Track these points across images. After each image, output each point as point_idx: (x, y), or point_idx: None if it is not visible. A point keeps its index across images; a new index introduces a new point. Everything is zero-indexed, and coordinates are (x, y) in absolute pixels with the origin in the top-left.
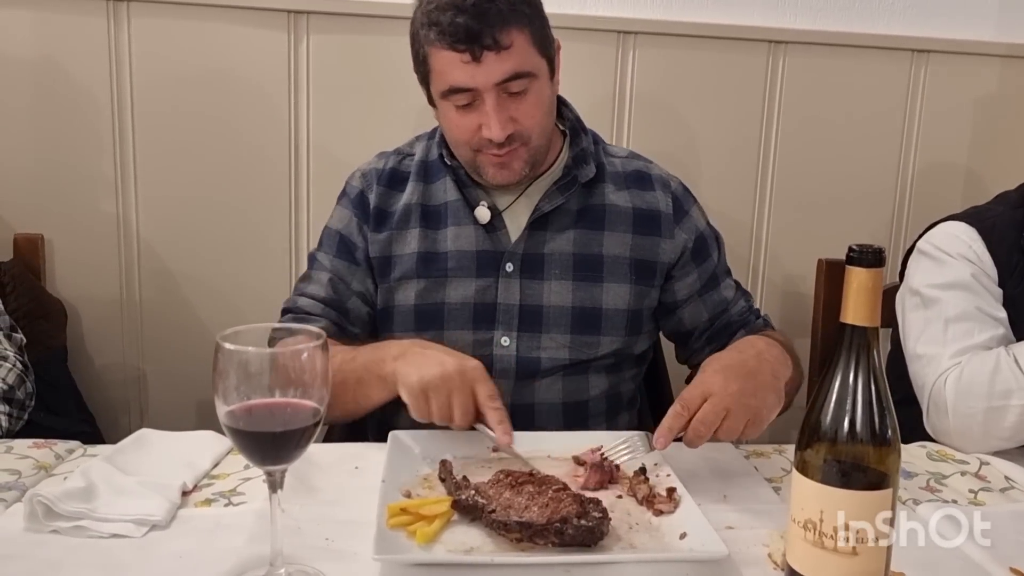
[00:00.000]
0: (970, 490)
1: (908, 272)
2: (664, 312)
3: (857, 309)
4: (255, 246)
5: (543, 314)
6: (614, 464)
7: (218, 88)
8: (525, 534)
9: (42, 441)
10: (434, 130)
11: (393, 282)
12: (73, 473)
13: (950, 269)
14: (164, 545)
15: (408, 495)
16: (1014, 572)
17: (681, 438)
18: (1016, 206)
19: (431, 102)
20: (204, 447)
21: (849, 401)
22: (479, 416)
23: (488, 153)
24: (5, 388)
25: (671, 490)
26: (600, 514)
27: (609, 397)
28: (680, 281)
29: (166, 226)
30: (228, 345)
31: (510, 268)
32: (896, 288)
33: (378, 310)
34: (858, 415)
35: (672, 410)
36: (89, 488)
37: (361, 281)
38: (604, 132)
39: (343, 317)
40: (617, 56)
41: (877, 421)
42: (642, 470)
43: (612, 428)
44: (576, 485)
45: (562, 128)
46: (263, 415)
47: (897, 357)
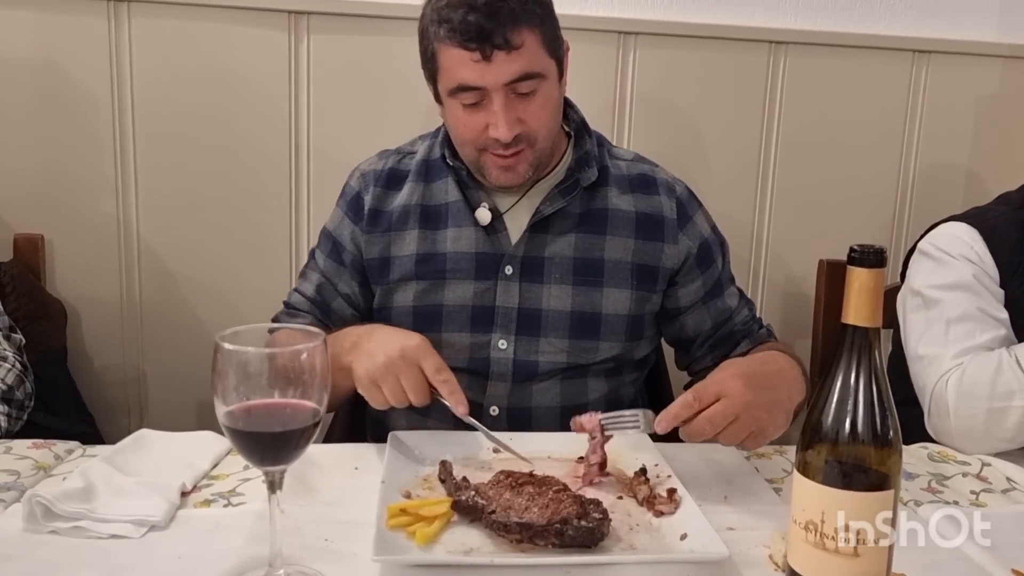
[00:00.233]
0: (971, 491)
1: (909, 273)
2: (666, 318)
3: (859, 309)
4: (255, 246)
5: (541, 318)
6: (606, 435)
7: (218, 88)
8: (525, 535)
9: (41, 441)
10: (438, 129)
11: (392, 283)
12: (72, 474)
13: (952, 270)
14: (163, 546)
15: (408, 496)
16: (1016, 574)
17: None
18: (1018, 206)
19: (437, 99)
20: (203, 448)
21: (851, 402)
22: (434, 391)
23: (493, 154)
24: (4, 388)
25: (672, 491)
26: (600, 515)
27: (608, 401)
28: (684, 288)
29: (166, 226)
30: (227, 345)
31: (509, 271)
32: (897, 289)
33: (376, 311)
34: (859, 416)
35: (683, 399)
36: (88, 488)
37: (347, 283)
38: (604, 133)
39: (326, 316)
40: (618, 57)
41: (879, 422)
42: (642, 471)
43: None
44: (574, 484)
45: (567, 130)
46: (262, 415)
47: (898, 358)
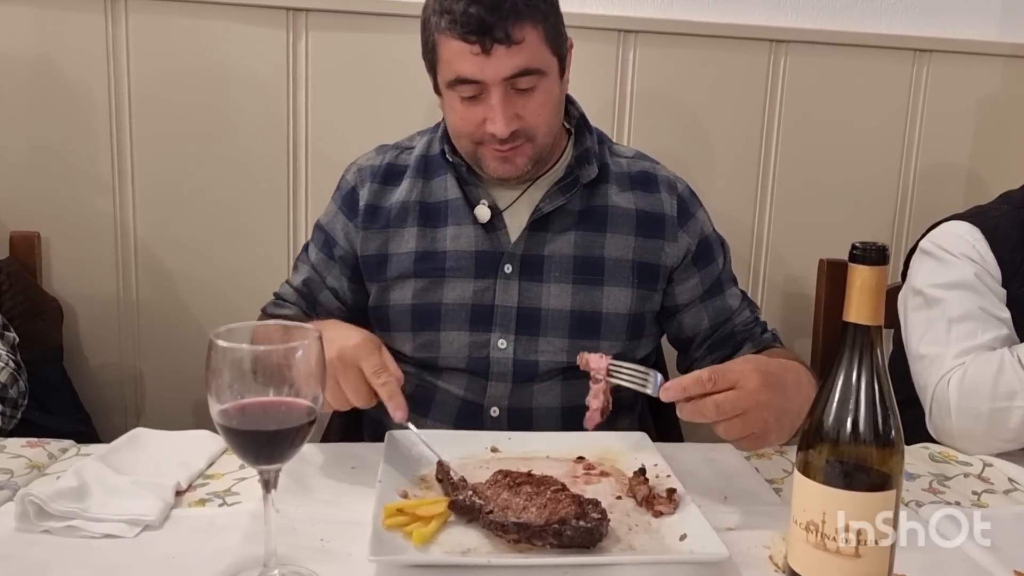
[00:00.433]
0: (973, 492)
1: (911, 272)
2: (665, 316)
3: (860, 307)
4: (253, 245)
5: (541, 317)
6: (610, 382)
7: (216, 85)
8: (523, 535)
9: (35, 440)
10: (437, 125)
11: (389, 280)
12: (66, 472)
13: (953, 269)
14: (157, 545)
15: (405, 495)
16: (1017, 575)
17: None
18: (1020, 205)
19: (437, 91)
20: (199, 446)
21: (852, 401)
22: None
23: (490, 147)
24: None
25: (671, 491)
26: (599, 515)
27: (610, 420)
28: (681, 285)
29: (163, 224)
30: (221, 342)
31: (509, 270)
32: (898, 288)
33: (372, 308)
34: (861, 415)
35: (698, 375)
36: (81, 487)
37: (336, 277)
38: (604, 131)
39: (311, 308)
40: (618, 55)
41: (880, 421)
42: (642, 471)
43: (611, 430)
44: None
45: (567, 126)
46: (257, 414)
47: (899, 357)
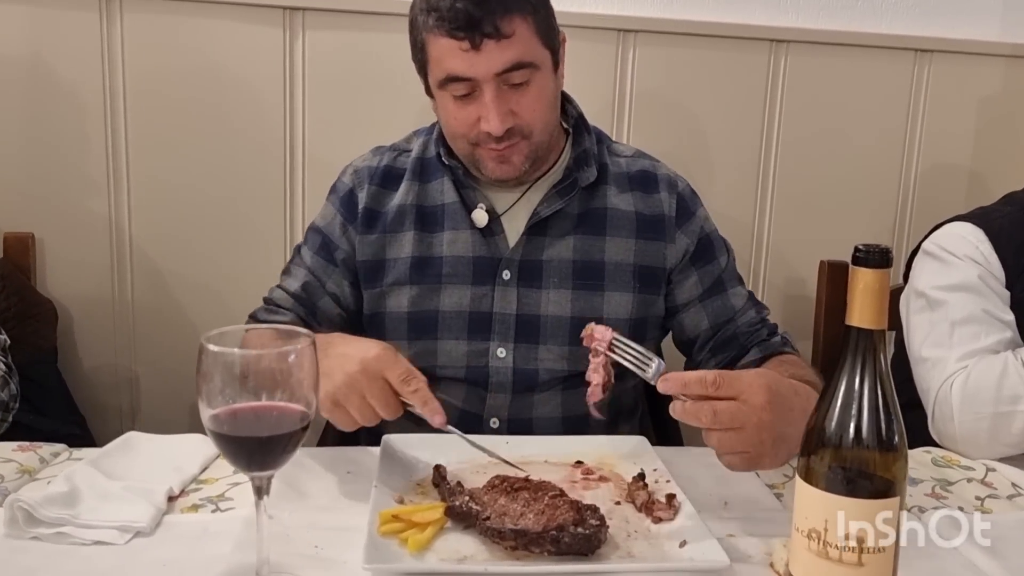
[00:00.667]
0: (976, 497)
1: (913, 273)
2: (667, 318)
3: (863, 311)
4: (249, 246)
5: (540, 324)
6: (610, 357)
7: (212, 85)
8: (520, 542)
9: (27, 444)
10: (433, 125)
11: (385, 287)
12: (56, 477)
13: (956, 270)
14: (148, 552)
15: (401, 501)
16: None
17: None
18: None
19: (429, 92)
20: (193, 450)
21: (855, 406)
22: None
23: (487, 147)
24: None
25: (670, 496)
26: (597, 521)
27: (611, 409)
28: (679, 285)
29: (159, 225)
30: (212, 347)
31: (507, 276)
32: (900, 290)
33: (367, 315)
34: (864, 420)
35: (701, 375)
36: (72, 493)
37: (337, 282)
38: (604, 131)
39: (311, 315)
40: (617, 55)
41: (884, 427)
42: (641, 476)
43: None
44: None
45: (565, 126)
46: (248, 419)
47: (901, 360)
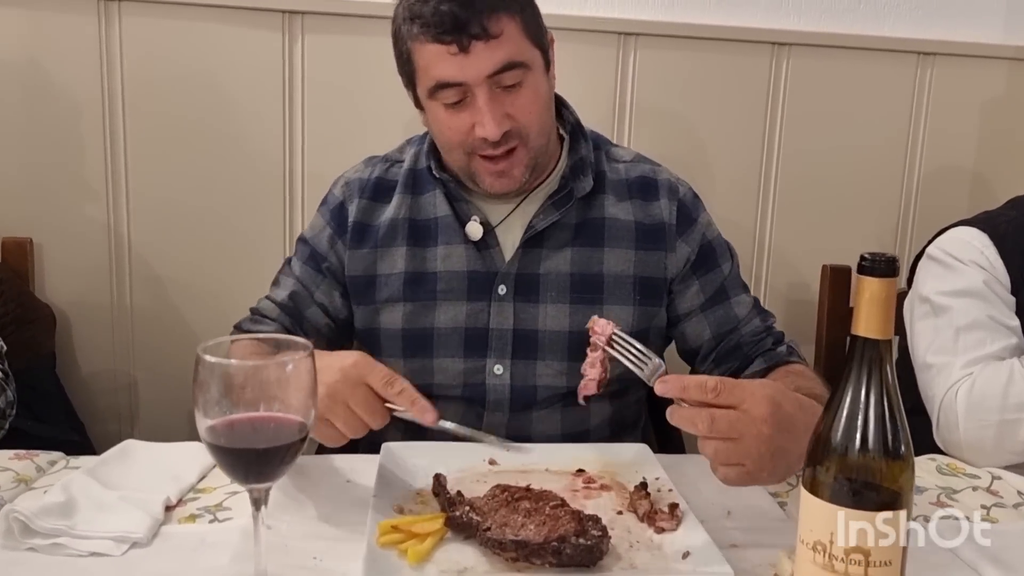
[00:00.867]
0: (982, 506)
1: (917, 278)
2: (669, 327)
3: (869, 321)
4: (249, 251)
5: (538, 339)
6: (608, 352)
7: (211, 89)
8: (521, 553)
9: (24, 452)
10: (424, 135)
11: (378, 303)
12: (53, 487)
13: (961, 276)
14: (145, 564)
15: (400, 511)
16: None
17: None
18: None
19: (418, 105)
20: (191, 459)
21: (861, 417)
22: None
23: (483, 156)
24: None
25: (673, 506)
26: (599, 532)
27: (613, 423)
28: (680, 295)
29: (157, 230)
30: (208, 357)
31: (503, 291)
32: (904, 295)
33: (360, 331)
34: (871, 432)
35: (702, 380)
36: (68, 503)
37: (325, 293)
38: (604, 135)
39: (297, 324)
40: (618, 58)
41: (891, 438)
42: (643, 485)
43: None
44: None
45: (562, 133)
46: (245, 431)
47: (904, 365)
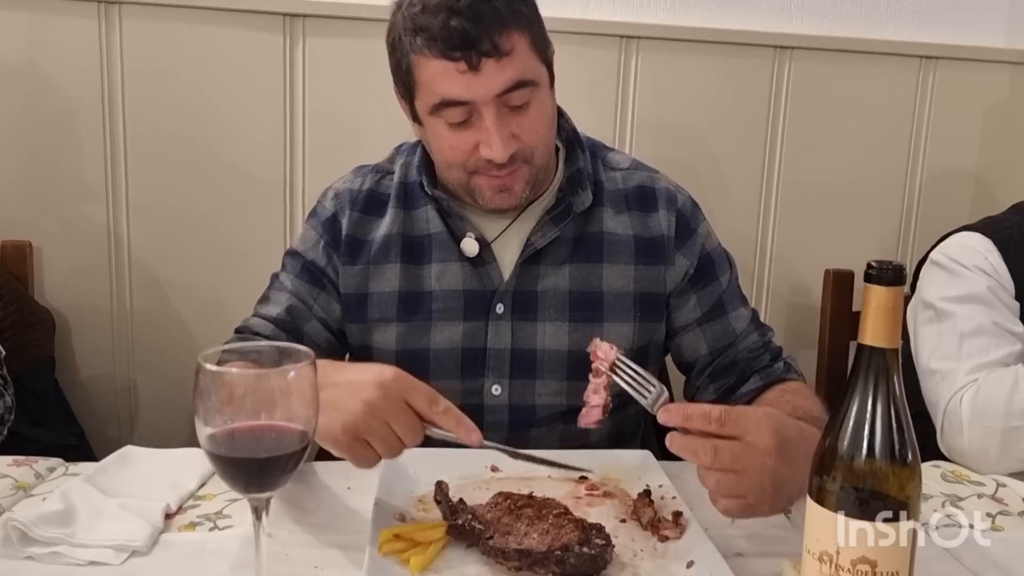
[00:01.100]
0: (987, 514)
1: (921, 284)
2: (666, 339)
3: (876, 329)
4: (249, 254)
5: (537, 359)
6: (611, 379)
7: (211, 93)
8: (524, 563)
9: (23, 458)
10: (415, 144)
11: (371, 322)
12: (52, 495)
13: (965, 282)
14: (144, 573)
15: (402, 518)
16: None
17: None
18: None
19: (415, 118)
20: (190, 465)
21: (868, 427)
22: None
23: (486, 175)
24: None
25: (677, 514)
26: (603, 541)
27: (613, 437)
28: (677, 308)
29: (157, 234)
30: (209, 366)
31: (501, 309)
32: (907, 300)
33: (355, 348)
34: (877, 442)
35: (705, 410)
36: (67, 511)
37: (325, 306)
38: (605, 140)
39: (297, 341)
40: (619, 61)
41: (898, 448)
42: (646, 493)
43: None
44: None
45: (557, 143)
46: (246, 440)
47: (907, 371)
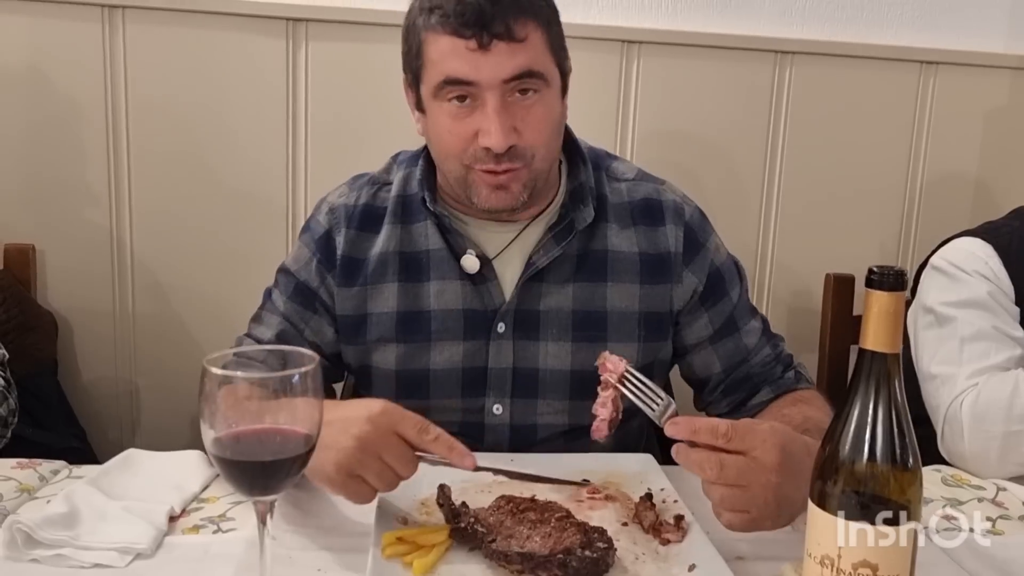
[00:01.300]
0: (988, 518)
1: (921, 289)
2: (676, 356)
3: (877, 335)
4: (251, 258)
5: (539, 379)
6: (620, 391)
7: (214, 97)
8: (527, 566)
9: (26, 461)
10: (417, 155)
11: (369, 343)
12: (56, 497)
13: (965, 286)
14: (148, 575)
15: (405, 521)
16: None
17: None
18: None
19: (419, 107)
20: (194, 468)
21: (869, 432)
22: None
23: (482, 171)
24: None
25: (679, 517)
26: (605, 544)
27: (616, 451)
28: (688, 327)
29: (160, 237)
30: (214, 369)
31: (502, 328)
32: (908, 304)
33: (354, 368)
34: (879, 447)
35: (712, 425)
36: (72, 514)
37: (316, 330)
38: (606, 145)
39: None
40: (621, 66)
41: (899, 453)
42: (648, 496)
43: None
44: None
45: (560, 158)
46: (251, 443)
47: (908, 376)
